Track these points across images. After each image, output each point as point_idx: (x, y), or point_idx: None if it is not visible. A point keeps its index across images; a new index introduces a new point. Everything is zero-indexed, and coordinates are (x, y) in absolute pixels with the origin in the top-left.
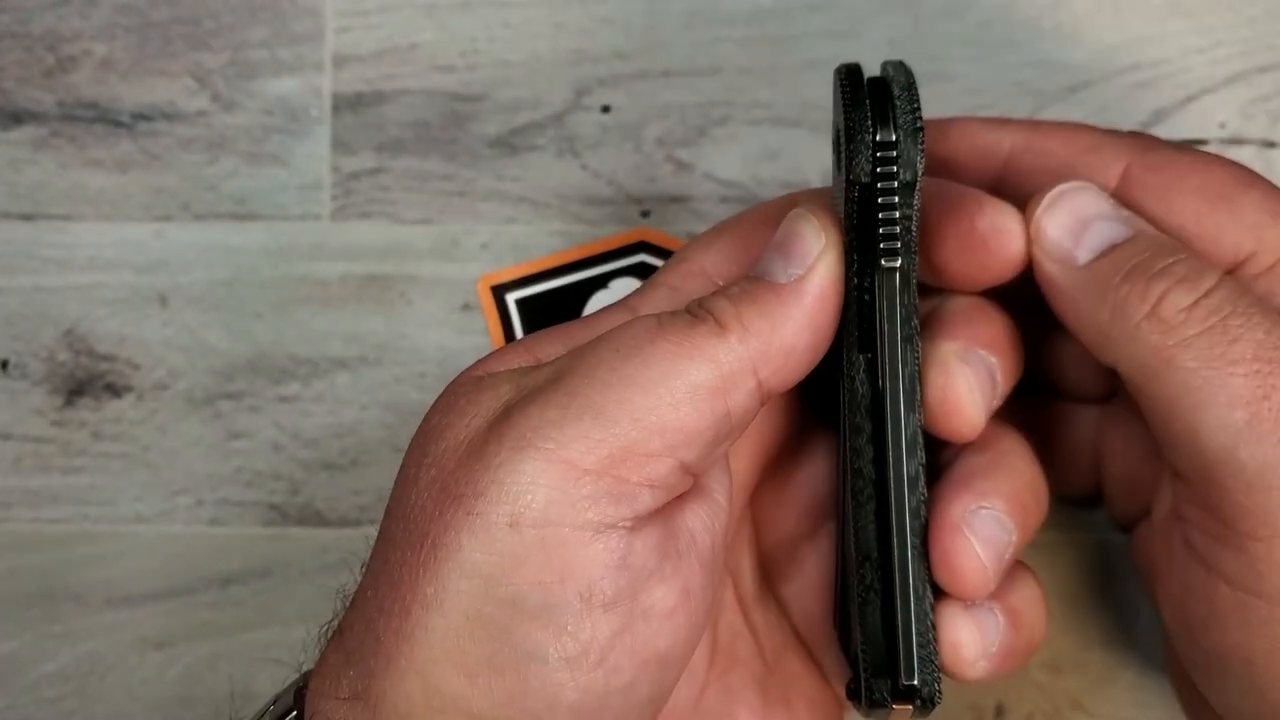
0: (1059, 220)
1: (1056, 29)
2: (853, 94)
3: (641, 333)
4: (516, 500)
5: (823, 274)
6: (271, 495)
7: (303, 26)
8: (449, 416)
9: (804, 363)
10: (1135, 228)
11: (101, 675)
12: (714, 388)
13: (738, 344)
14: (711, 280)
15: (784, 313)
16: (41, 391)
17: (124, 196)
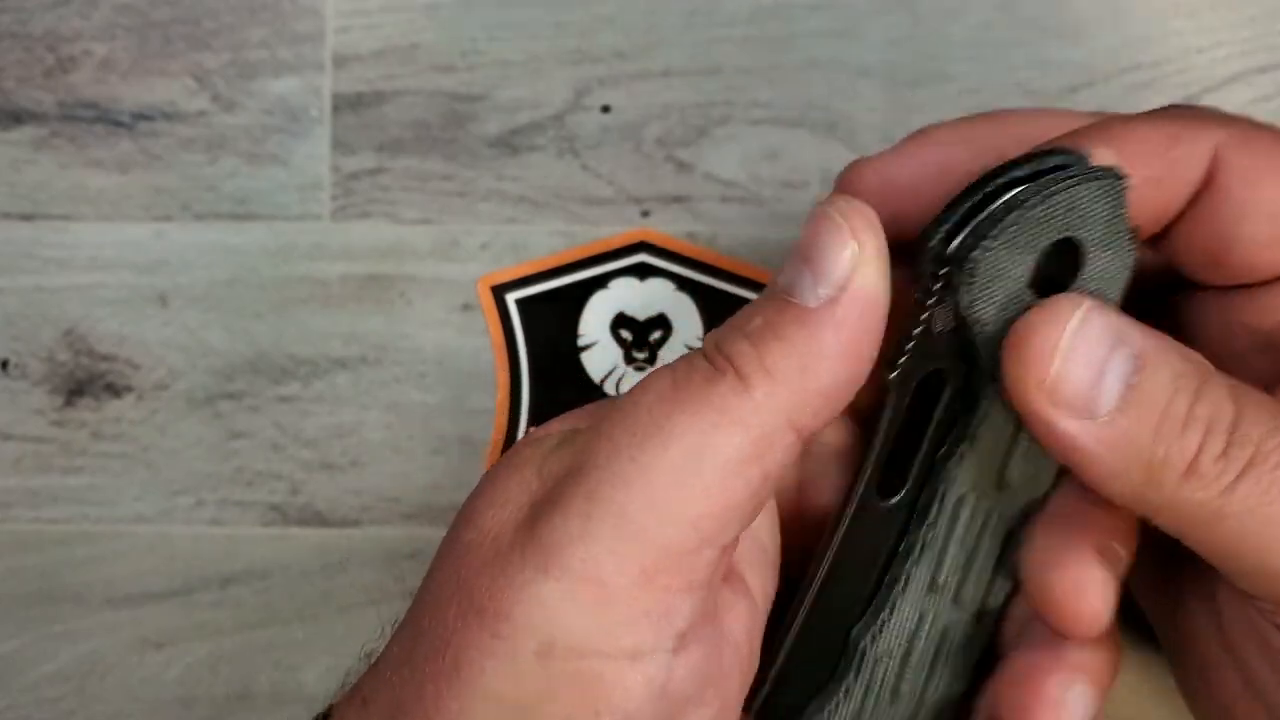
0: (1077, 367)
1: (1057, 29)
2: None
3: (655, 402)
4: (545, 628)
5: (859, 295)
6: (271, 495)
7: (303, 26)
8: (487, 495)
9: (847, 397)
10: (1137, 348)
11: (101, 675)
12: (746, 457)
13: (766, 399)
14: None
15: (815, 350)
16: (42, 391)
17: (124, 196)
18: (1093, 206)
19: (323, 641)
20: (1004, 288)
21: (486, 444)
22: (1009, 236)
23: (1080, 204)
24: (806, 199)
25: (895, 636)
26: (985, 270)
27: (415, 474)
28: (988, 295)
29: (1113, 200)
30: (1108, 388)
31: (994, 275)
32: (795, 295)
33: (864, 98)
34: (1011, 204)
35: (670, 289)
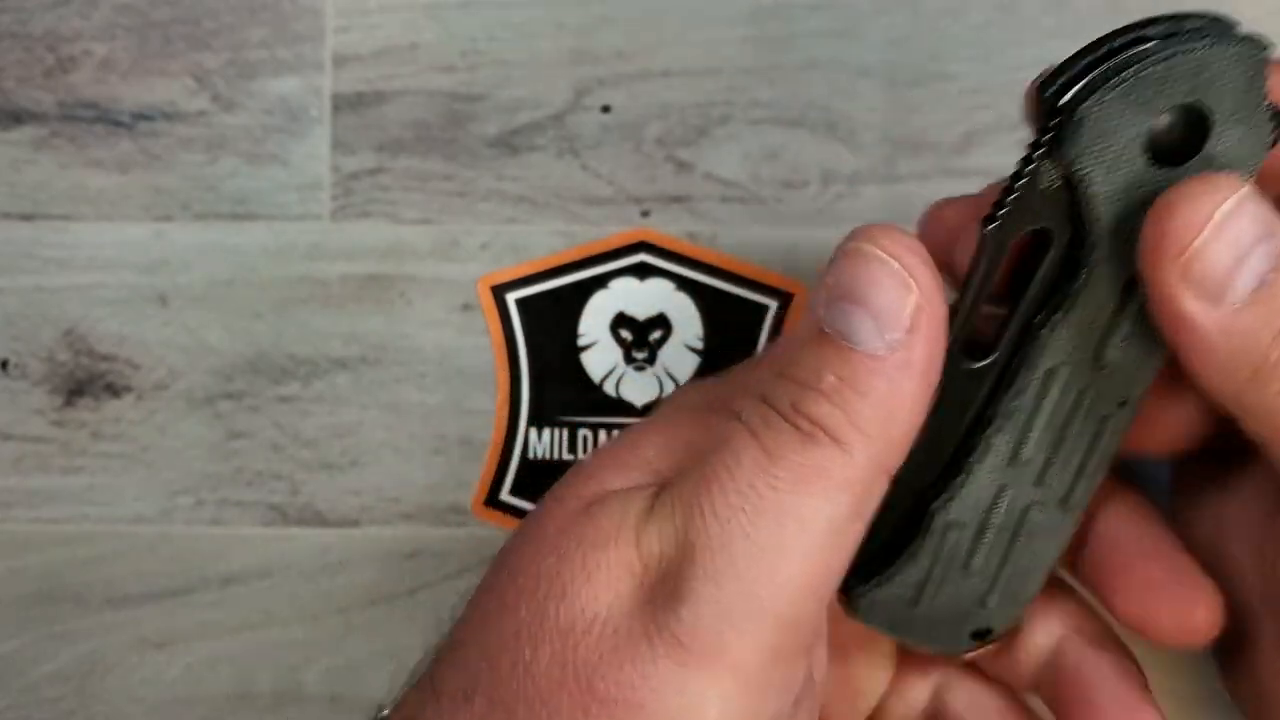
0: (1219, 248)
1: (1057, 28)
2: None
3: (755, 473)
4: (683, 718)
5: (928, 333)
6: (271, 495)
7: (303, 26)
8: (579, 572)
9: (919, 424)
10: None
11: (101, 675)
12: (853, 512)
13: (863, 453)
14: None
15: (898, 398)
16: (41, 391)
17: (124, 196)
18: (1226, 74)
19: (323, 641)
20: (1116, 148)
21: (486, 444)
22: (1126, 90)
23: (1211, 69)
24: (807, 199)
25: (968, 507)
26: (1096, 124)
27: (415, 474)
28: (1097, 153)
29: (1249, 70)
30: (1243, 277)
31: (1106, 131)
32: (860, 343)
33: (864, 97)
34: (1133, 59)
35: (670, 289)
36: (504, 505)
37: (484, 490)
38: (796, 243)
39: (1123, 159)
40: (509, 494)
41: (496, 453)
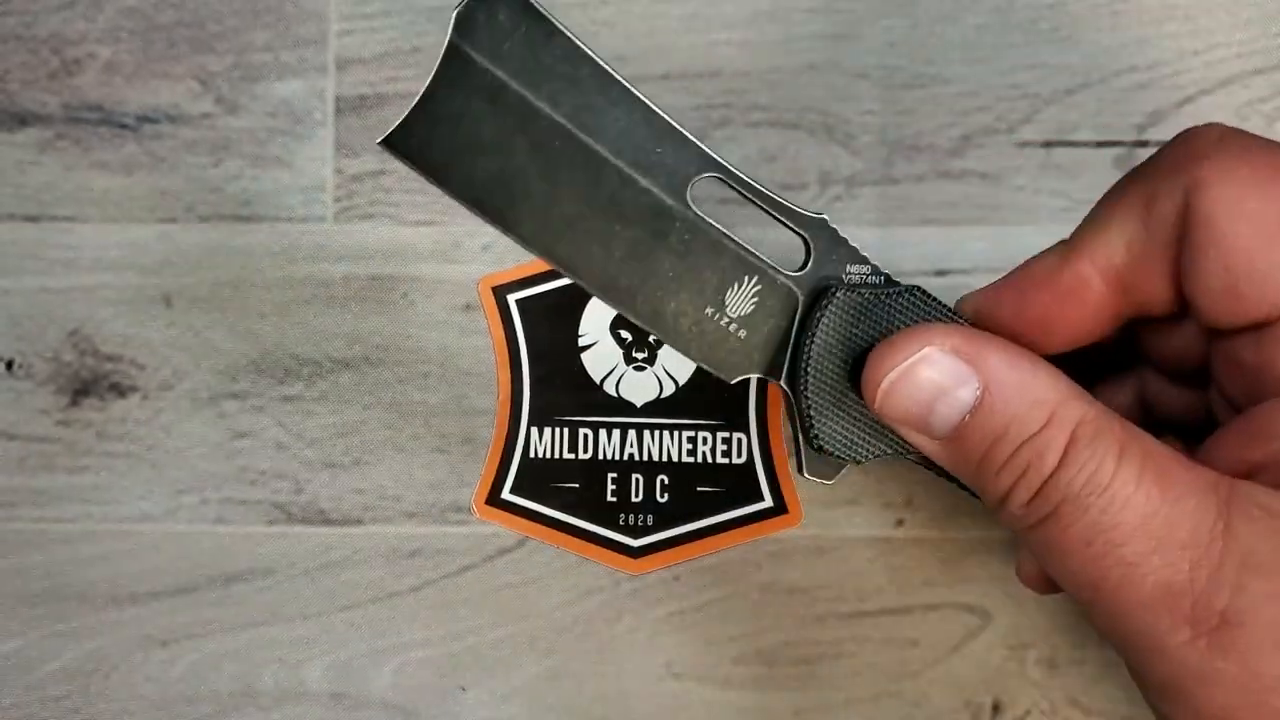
0: (897, 401)
1: (1053, 31)
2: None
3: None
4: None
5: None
6: (275, 494)
7: (306, 29)
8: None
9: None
10: (984, 384)
11: (106, 673)
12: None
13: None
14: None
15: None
16: (47, 391)
17: (129, 198)
18: (849, 324)
19: (326, 639)
20: (849, 427)
21: (488, 443)
22: (815, 408)
23: (837, 332)
24: (805, 200)
25: None
26: (831, 442)
27: (417, 472)
28: (847, 446)
29: (858, 306)
30: (939, 418)
31: (837, 434)
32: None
33: (862, 100)
34: (800, 390)
35: None
36: (505, 504)
37: (485, 489)
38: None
39: (856, 428)
40: (510, 493)
41: (498, 452)
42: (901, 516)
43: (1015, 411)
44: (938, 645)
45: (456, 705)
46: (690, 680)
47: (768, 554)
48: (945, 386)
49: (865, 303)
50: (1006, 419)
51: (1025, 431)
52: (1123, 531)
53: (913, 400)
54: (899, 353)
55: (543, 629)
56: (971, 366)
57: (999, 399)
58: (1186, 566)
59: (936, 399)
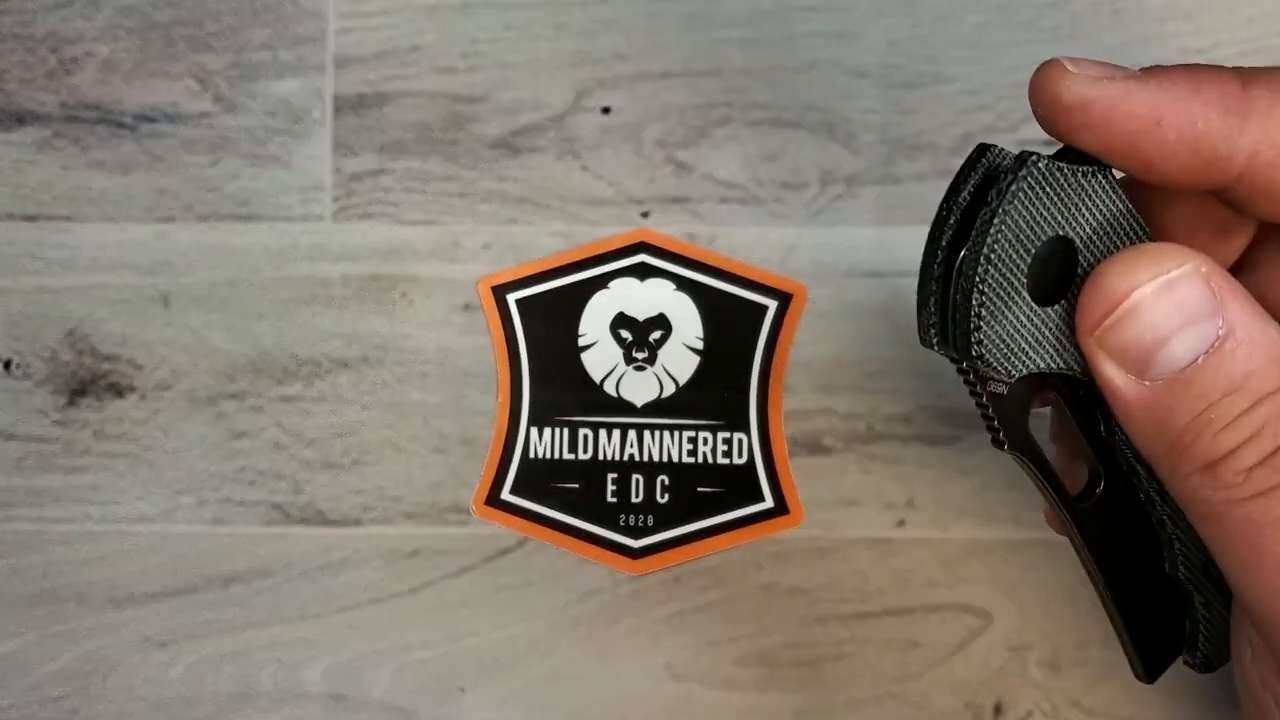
0: (1135, 326)
1: (1055, 30)
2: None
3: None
4: None
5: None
6: (274, 495)
7: (304, 28)
8: None
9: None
10: (1228, 326)
11: (104, 675)
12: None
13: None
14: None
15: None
16: (44, 392)
17: (127, 197)
18: (1037, 206)
19: (325, 640)
20: (1013, 332)
21: (487, 443)
22: (987, 306)
23: (1024, 213)
24: (806, 199)
25: (1194, 552)
26: (993, 348)
27: (416, 473)
28: (1005, 355)
29: (1050, 183)
30: (1169, 354)
31: (1001, 339)
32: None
33: (863, 99)
34: (967, 279)
35: (670, 289)
36: (505, 504)
37: (485, 490)
38: (795, 243)
39: (1021, 328)
40: (510, 493)
41: (497, 452)
42: (903, 517)
43: (1258, 363)
44: (939, 646)
45: (456, 707)
46: (691, 682)
47: (768, 555)
48: (1189, 318)
49: (1060, 183)
50: (1248, 368)
51: (1266, 387)
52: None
53: (1150, 328)
54: (1151, 268)
55: (542, 630)
56: (1219, 301)
57: (1243, 344)
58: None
59: (1176, 331)
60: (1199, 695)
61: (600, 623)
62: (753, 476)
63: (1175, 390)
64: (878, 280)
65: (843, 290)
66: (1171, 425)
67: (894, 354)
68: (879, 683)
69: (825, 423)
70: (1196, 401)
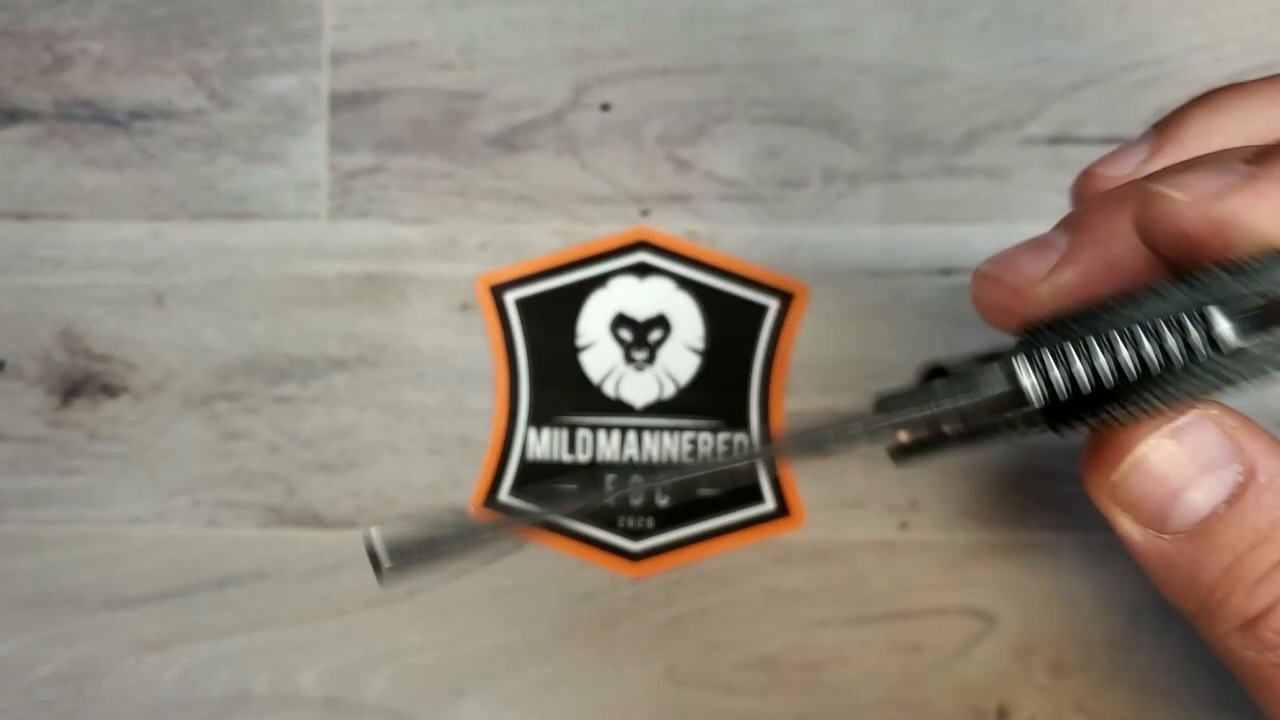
0: (1145, 480)
1: (1058, 26)
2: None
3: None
4: None
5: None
6: (269, 496)
7: (300, 24)
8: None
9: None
10: (1248, 470)
11: (98, 677)
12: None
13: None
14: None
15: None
16: (38, 392)
17: (120, 195)
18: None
19: (320, 643)
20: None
21: (485, 444)
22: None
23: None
24: (807, 197)
25: None
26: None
27: (413, 474)
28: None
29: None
30: (1187, 505)
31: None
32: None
33: (865, 96)
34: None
35: (670, 288)
36: (502, 506)
37: (482, 491)
38: (797, 242)
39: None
40: (507, 495)
41: (495, 453)
42: (906, 519)
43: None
44: (943, 650)
45: (453, 711)
46: (691, 686)
47: (770, 558)
48: (1204, 467)
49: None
50: (1276, 515)
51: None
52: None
53: (1161, 480)
54: (1161, 420)
55: (541, 634)
56: (1235, 445)
57: (1268, 489)
58: None
59: (1192, 481)
60: (1200, 697)
61: (599, 626)
62: (754, 478)
63: (1199, 544)
64: (880, 279)
65: (845, 289)
66: (1200, 582)
67: (896, 354)
68: (882, 687)
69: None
70: (1223, 555)
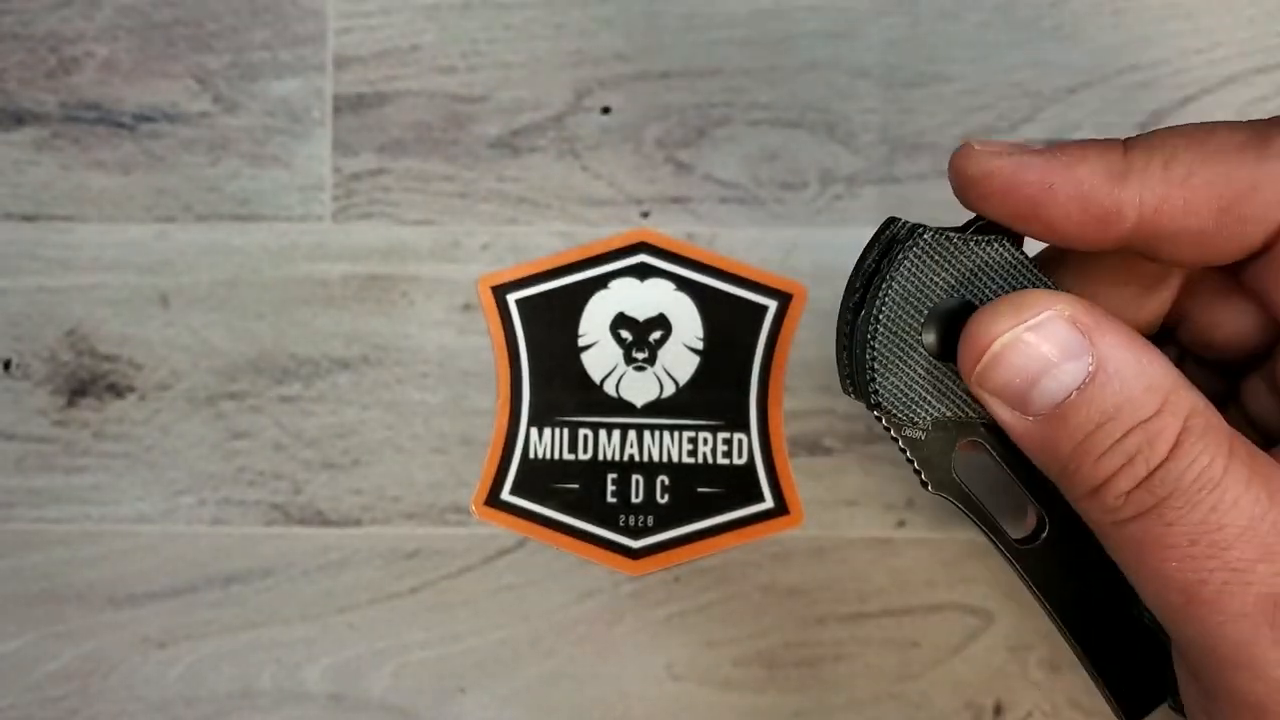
0: (1004, 369)
1: (1055, 30)
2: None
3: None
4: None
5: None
6: (273, 495)
7: (304, 28)
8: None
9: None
10: (1099, 361)
11: (104, 674)
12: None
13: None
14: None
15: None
16: (44, 392)
17: (126, 197)
18: (927, 272)
19: (324, 640)
20: (912, 384)
21: (487, 443)
22: (885, 352)
23: (914, 279)
24: (806, 199)
25: None
26: (890, 398)
27: (416, 473)
28: (905, 404)
29: (940, 252)
30: (1043, 391)
31: (898, 390)
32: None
33: (863, 98)
34: (861, 338)
35: (670, 289)
36: (505, 505)
37: (485, 490)
38: (795, 243)
39: (923, 384)
40: (510, 493)
41: (497, 452)
42: (903, 517)
43: (1129, 393)
44: (939, 647)
45: (456, 707)
46: (691, 682)
47: (768, 555)
48: (1056, 358)
49: (950, 250)
50: (1119, 399)
51: (1138, 415)
52: (1229, 534)
53: (1018, 370)
54: (1012, 316)
55: (542, 631)
56: (1086, 339)
57: (1114, 377)
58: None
59: (1045, 371)
60: None
61: (600, 623)
62: (753, 477)
63: (1054, 423)
64: None
65: (843, 290)
66: (1057, 455)
67: None
68: (879, 683)
69: (825, 423)
70: (1075, 432)
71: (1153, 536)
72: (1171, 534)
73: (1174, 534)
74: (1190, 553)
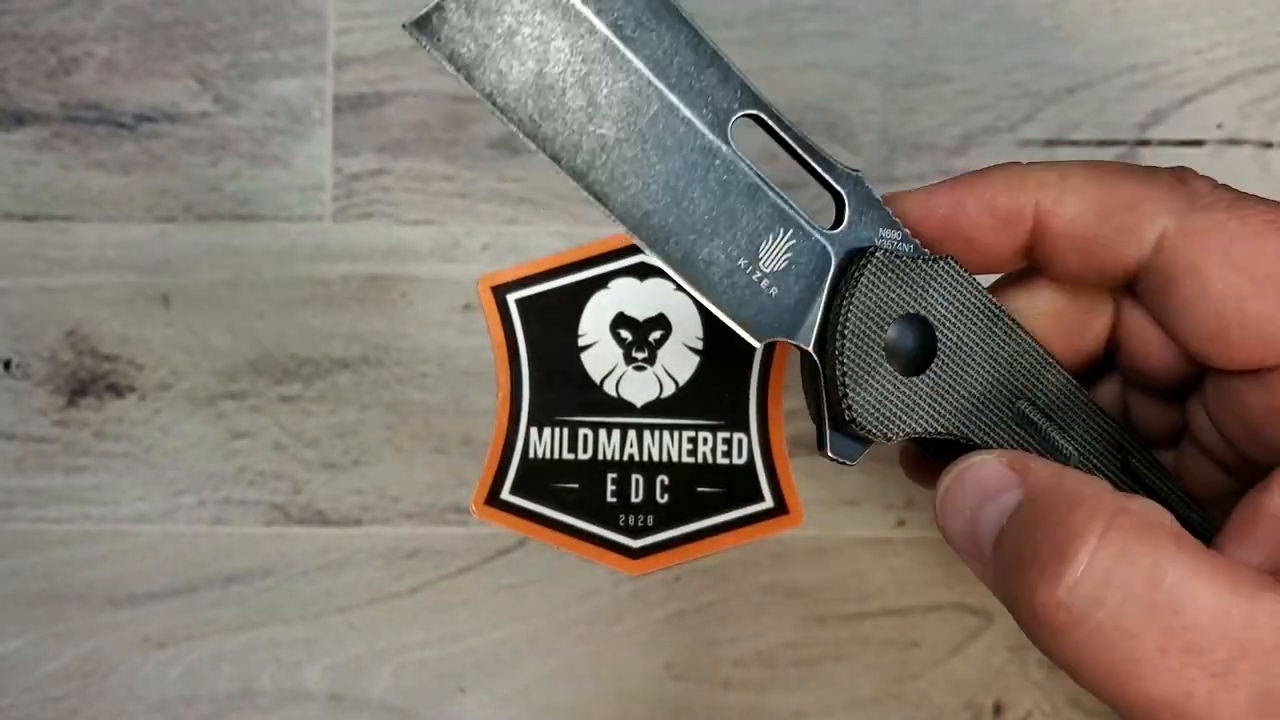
0: (951, 520)
1: (1054, 30)
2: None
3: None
4: None
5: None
6: (274, 495)
7: (304, 28)
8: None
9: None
10: (1025, 488)
11: (104, 674)
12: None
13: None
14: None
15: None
16: (44, 392)
17: (127, 197)
18: (884, 290)
19: (324, 639)
20: (883, 400)
21: (487, 443)
22: (850, 376)
23: (873, 296)
24: (806, 200)
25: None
26: (863, 413)
27: (416, 473)
28: (878, 421)
29: (893, 270)
30: (980, 538)
31: (870, 405)
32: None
33: (862, 99)
34: (834, 353)
35: (670, 289)
36: (505, 504)
37: (485, 489)
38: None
39: (890, 402)
40: (510, 493)
41: (497, 452)
42: (902, 517)
43: (1050, 502)
44: (939, 646)
45: (455, 707)
46: (690, 682)
47: (768, 555)
48: (990, 491)
49: (902, 270)
50: (1043, 510)
51: (1059, 519)
52: (1200, 636)
53: (960, 509)
54: (943, 482)
55: (542, 630)
56: (1015, 473)
57: (1039, 494)
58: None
59: (982, 504)
60: None
61: (600, 623)
62: (752, 476)
63: (996, 556)
64: None
65: None
66: (1008, 586)
67: None
68: (879, 683)
69: None
70: (1010, 555)
71: (1121, 654)
72: (1140, 646)
73: (1142, 646)
74: (1166, 664)
